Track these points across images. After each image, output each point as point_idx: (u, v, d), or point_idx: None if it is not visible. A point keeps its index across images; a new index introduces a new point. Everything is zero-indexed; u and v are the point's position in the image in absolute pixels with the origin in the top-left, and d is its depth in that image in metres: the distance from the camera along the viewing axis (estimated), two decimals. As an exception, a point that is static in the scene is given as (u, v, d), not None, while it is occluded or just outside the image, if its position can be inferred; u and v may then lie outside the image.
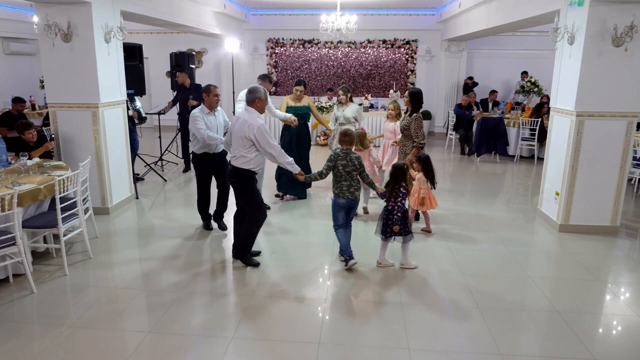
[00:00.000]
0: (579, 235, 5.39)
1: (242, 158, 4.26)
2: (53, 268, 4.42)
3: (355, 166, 4.31)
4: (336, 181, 4.36)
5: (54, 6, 5.32)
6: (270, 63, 13.03)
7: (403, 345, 3.29)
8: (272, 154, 4.26)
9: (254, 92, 4.35)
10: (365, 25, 11.55)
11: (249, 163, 4.27)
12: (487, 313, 3.72)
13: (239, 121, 4.29)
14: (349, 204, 4.38)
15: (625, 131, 5.27)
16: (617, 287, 4.33)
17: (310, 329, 3.48)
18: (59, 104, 5.71)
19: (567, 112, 5.37)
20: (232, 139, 4.36)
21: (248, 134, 4.17)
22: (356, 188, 4.34)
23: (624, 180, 5.41)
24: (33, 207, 4.38)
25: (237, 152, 4.29)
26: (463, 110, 10.29)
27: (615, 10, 4.88)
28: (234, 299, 3.94)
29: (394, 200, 4.33)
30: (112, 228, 5.53)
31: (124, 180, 6.29)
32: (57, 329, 3.43)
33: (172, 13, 7.68)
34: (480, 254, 4.91)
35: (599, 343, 3.41)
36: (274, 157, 4.29)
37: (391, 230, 4.32)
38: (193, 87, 8.09)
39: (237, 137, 4.26)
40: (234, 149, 4.34)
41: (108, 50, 5.71)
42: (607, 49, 5.01)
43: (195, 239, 5.21)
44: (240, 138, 4.24)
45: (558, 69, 5.58)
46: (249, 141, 4.20)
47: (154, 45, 12.55)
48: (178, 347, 3.26)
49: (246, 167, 4.27)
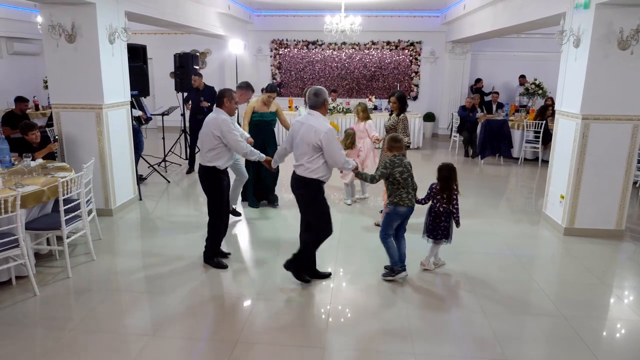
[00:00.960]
0: (584, 239, 5.35)
1: (308, 166, 3.90)
2: (56, 270, 4.41)
3: (409, 172, 4.17)
4: (393, 189, 4.14)
5: (58, 7, 5.31)
6: (274, 64, 13.03)
7: (408, 350, 3.27)
8: (338, 162, 3.94)
9: (321, 95, 3.96)
10: (369, 27, 11.54)
11: (316, 172, 3.91)
12: (492, 317, 3.70)
13: (303, 127, 3.93)
14: (409, 212, 4.20)
15: (631, 134, 5.23)
16: (622, 291, 4.30)
17: (314, 333, 3.46)
18: (63, 105, 5.70)
19: (573, 115, 5.33)
20: (294, 146, 4.02)
21: (315, 141, 3.84)
22: (413, 195, 4.22)
23: (629, 183, 5.38)
24: (36, 208, 4.37)
25: (301, 161, 3.94)
26: (467, 112, 10.25)
27: (622, 13, 4.85)
28: (238, 302, 3.92)
29: (447, 202, 4.24)
30: (115, 230, 5.52)
31: (127, 181, 6.28)
32: (60, 331, 3.42)
33: (176, 14, 7.68)
34: (485, 257, 4.88)
35: (604, 347, 3.39)
36: (340, 165, 3.99)
37: (442, 233, 4.29)
38: (206, 89, 8.10)
39: (302, 144, 3.90)
40: (297, 157, 3.99)
41: (112, 51, 5.70)
42: (613, 52, 4.98)
43: (200, 241, 5.19)
44: (305, 145, 3.88)
45: (563, 72, 5.55)
46: (316, 148, 3.85)
47: (158, 46, 12.56)
48: (182, 351, 3.25)
49: (313, 176, 3.90)
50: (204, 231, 5.43)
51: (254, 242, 5.36)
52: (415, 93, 12.79)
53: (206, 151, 4.30)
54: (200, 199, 6.93)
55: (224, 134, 4.18)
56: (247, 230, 5.65)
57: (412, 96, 12.72)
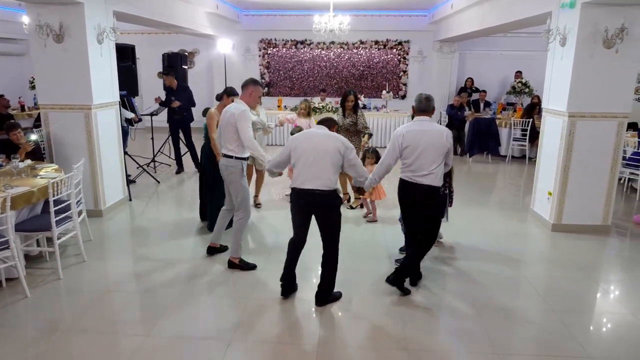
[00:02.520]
0: (571, 235, 5.44)
1: (438, 172, 3.77)
2: (47, 272, 4.37)
3: None
4: None
5: (46, 6, 5.26)
6: (262, 64, 13.01)
7: (401, 345, 3.30)
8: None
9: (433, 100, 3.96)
10: (357, 26, 11.55)
11: (441, 178, 3.83)
12: (481, 312, 3.75)
13: (426, 134, 3.80)
14: None
15: (616, 132, 5.34)
16: (610, 286, 4.38)
17: (307, 330, 3.48)
18: (51, 105, 5.65)
19: (559, 113, 5.42)
20: (417, 156, 3.78)
21: (447, 145, 3.78)
22: None
23: (614, 179, 5.48)
24: (26, 210, 4.33)
25: (430, 168, 3.79)
26: (455, 110, 10.34)
27: (607, 12, 4.94)
28: (230, 302, 3.93)
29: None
30: (105, 230, 5.49)
31: (117, 182, 6.24)
32: (52, 333, 3.40)
33: (164, 13, 7.65)
34: (473, 253, 4.94)
35: (592, 341, 3.45)
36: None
37: None
38: (179, 89, 8.04)
39: (430, 151, 3.78)
40: (423, 166, 3.79)
41: (101, 51, 5.66)
42: (598, 50, 5.07)
43: (190, 241, 5.19)
44: (434, 152, 3.77)
45: (550, 70, 5.63)
46: (445, 152, 3.79)
47: (146, 46, 12.47)
48: (175, 351, 3.24)
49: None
50: (194, 231, 5.46)
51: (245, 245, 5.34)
52: (404, 92, 12.86)
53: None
54: (189, 199, 6.92)
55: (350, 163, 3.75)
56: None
57: (400, 95, 12.79)
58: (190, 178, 8.12)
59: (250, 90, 4.35)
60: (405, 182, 3.90)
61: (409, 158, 3.82)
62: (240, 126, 4.16)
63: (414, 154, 3.79)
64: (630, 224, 5.99)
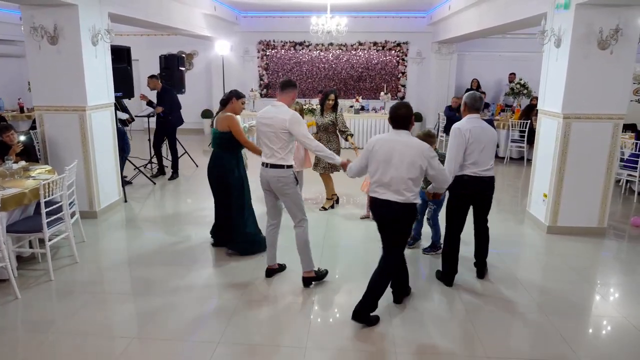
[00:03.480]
0: (566, 237, 5.41)
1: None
2: (38, 273, 4.37)
3: None
4: None
5: (40, 8, 5.27)
6: (261, 65, 13.01)
7: (391, 349, 3.28)
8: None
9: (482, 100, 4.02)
10: (356, 28, 11.56)
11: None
12: (474, 315, 3.73)
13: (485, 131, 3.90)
14: None
15: (611, 133, 5.31)
16: (605, 289, 4.35)
17: (298, 333, 3.47)
18: (46, 107, 5.66)
19: (554, 114, 5.40)
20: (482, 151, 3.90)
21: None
22: None
23: (610, 181, 5.45)
24: (18, 211, 4.33)
25: (490, 164, 3.98)
26: (453, 112, 10.32)
27: (601, 13, 4.92)
28: (221, 303, 3.91)
29: None
30: (99, 232, 5.48)
31: (112, 183, 6.24)
32: (43, 334, 3.39)
33: (161, 15, 7.64)
34: (469, 255, 4.90)
35: (583, 344, 3.43)
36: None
37: None
38: (163, 92, 7.86)
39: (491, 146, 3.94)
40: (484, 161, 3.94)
41: (95, 53, 5.66)
42: (593, 51, 5.05)
43: (184, 243, 5.18)
44: (493, 148, 3.92)
45: (545, 72, 5.61)
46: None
47: (144, 48, 12.48)
48: (164, 353, 3.23)
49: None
50: (189, 233, 5.45)
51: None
52: (402, 93, 12.85)
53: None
54: (188, 200, 6.91)
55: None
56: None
57: (399, 97, 12.78)
58: (184, 178, 8.11)
59: (293, 93, 3.99)
60: (469, 177, 3.96)
61: (474, 153, 3.92)
62: (297, 130, 3.80)
63: (479, 149, 3.91)
64: (627, 226, 5.96)
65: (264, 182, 4.01)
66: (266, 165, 3.93)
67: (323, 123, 6.08)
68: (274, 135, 3.85)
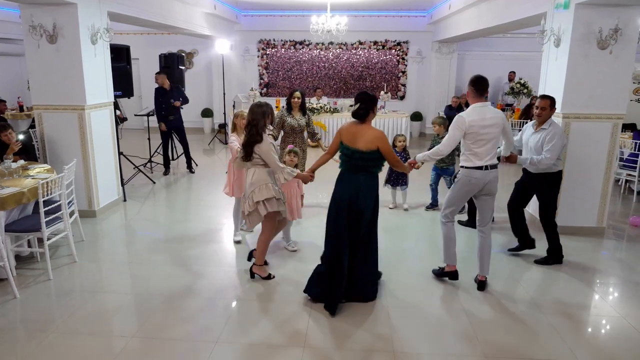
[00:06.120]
0: (565, 236, 5.36)
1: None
2: (37, 272, 4.37)
3: None
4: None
5: (39, 7, 5.26)
6: (261, 64, 13.01)
7: (388, 348, 3.28)
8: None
9: None
10: (356, 27, 11.56)
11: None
12: (471, 314, 3.73)
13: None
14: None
15: (610, 133, 5.30)
16: (603, 288, 4.35)
17: (295, 330, 3.47)
18: (45, 106, 5.66)
19: (554, 114, 5.37)
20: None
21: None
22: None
23: (610, 181, 5.44)
24: (17, 210, 4.34)
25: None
26: (453, 111, 10.30)
27: (601, 13, 4.92)
28: (219, 302, 3.91)
29: None
30: (98, 231, 5.48)
31: (111, 182, 6.24)
32: (41, 334, 3.40)
33: (161, 14, 7.64)
34: (467, 254, 4.91)
35: (581, 344, 3.42)
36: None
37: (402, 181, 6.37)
38: (174, 89, 8.05)
39: None
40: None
41: (94, 52, 5.66)
42: (592, 51, 5.05)
43: (183, 242, 5.18)
44: None
45: (545, 71, 5.61)
46: None
47: (144, 47, 12.49)
48: (162, 352, 3.24)
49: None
50: (187, 232, 5.45)
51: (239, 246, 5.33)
52: (403, 93, 12.85)
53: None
54: (189, 201, 6.91)
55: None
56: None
57: (399, 96, 12.77)
58: (184, 177, 8.11)
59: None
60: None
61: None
62: (510, 130, 4.32)
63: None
64: (626, 225, 5.96)
65: (478, 185, 4.16)
66: (485, 167, 4.12)
67: (299, 124, 5.85)
68: (496, 135, 4.10)
